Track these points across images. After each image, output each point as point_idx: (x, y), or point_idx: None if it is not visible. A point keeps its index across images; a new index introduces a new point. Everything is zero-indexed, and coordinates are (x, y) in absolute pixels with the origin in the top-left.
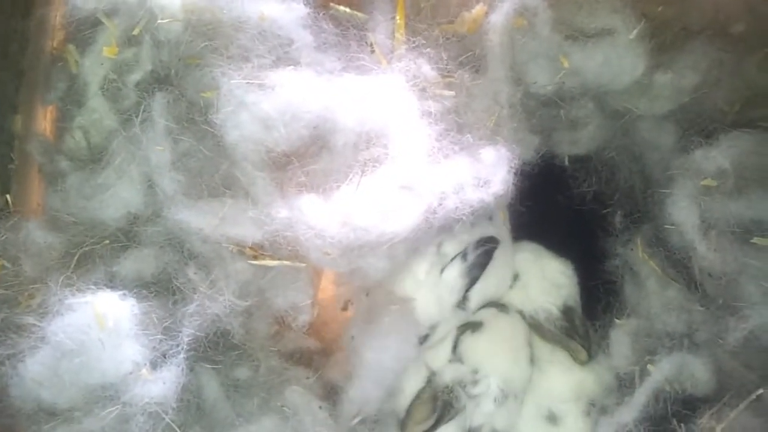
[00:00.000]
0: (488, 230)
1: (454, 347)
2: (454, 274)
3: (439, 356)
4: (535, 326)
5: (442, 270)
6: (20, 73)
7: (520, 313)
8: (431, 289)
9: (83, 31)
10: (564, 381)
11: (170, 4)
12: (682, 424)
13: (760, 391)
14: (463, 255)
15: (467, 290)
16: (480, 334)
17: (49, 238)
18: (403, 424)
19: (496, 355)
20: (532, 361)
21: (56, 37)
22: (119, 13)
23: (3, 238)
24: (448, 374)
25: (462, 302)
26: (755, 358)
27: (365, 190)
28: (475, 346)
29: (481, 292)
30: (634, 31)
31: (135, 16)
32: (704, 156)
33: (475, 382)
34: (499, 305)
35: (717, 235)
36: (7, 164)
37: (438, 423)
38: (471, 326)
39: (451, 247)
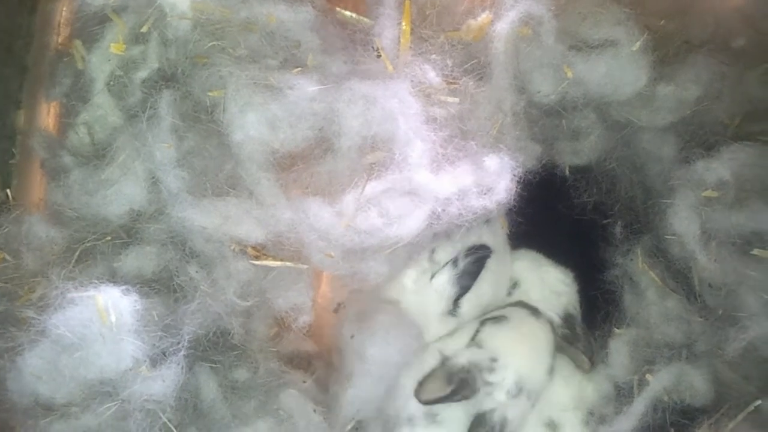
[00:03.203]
0: (482, 238)
1: (473, 337)
2: (444, 281)
3: (455, 343)
4: None
5: (433, 276)
6: (24, 68)
7: None
8: (418, 295)
9: (91, 27)
10: (564, 389)
11: (180, 3)
12: None
13: (759, 402)
14: (454, 262)
15: (458, 298)
16: (503, 326)
17: (51, 232)
18: (415, 392)
19: (517, 348)
20: (552, 372)
21: (62, 33)
22: (128, 10)
23: (5, 231)
24: (464, 357)
25: (453, 310)
26: (754, 369)
27: (369, 194)
28: (496, 334)
29: (473, 300)
30: (637, 44)
31: (144, 13)
32: (705, 167)
33: (491, 370)
34: (530, 308)
35: (717, 246)
36: (8, 159)
37: (453, 395)
38: (494, 319)
39: (444, 254)
